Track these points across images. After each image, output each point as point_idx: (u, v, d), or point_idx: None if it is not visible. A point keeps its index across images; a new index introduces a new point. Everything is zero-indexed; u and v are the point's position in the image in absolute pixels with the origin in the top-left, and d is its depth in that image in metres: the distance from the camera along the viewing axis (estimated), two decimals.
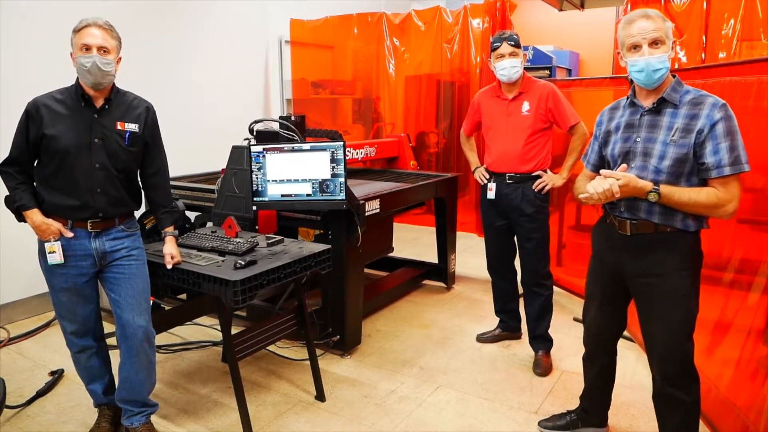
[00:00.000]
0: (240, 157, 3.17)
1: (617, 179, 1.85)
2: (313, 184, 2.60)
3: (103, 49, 2.14)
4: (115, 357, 2.45)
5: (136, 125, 2.29)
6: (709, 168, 1.84)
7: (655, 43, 1.87)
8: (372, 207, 3.34)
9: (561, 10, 6.75)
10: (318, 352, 3.07)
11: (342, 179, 2.58)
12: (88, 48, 2.12)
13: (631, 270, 2.05)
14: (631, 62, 1.92)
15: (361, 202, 3.18)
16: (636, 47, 1.90)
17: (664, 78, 1.91)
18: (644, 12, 1.91)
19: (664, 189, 1.86)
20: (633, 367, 3.08)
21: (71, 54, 2.17)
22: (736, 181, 1.84)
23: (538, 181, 3.03)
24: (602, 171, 1.94)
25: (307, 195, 2.62)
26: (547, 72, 6.57)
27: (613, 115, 2.11)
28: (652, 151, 1.93)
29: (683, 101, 1.90)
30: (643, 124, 1.97)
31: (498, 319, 3.52)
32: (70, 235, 2.21)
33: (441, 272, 4.45)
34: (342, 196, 2.60)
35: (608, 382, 2.41)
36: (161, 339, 3.23)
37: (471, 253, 5.21)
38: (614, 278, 2.13)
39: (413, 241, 5.77)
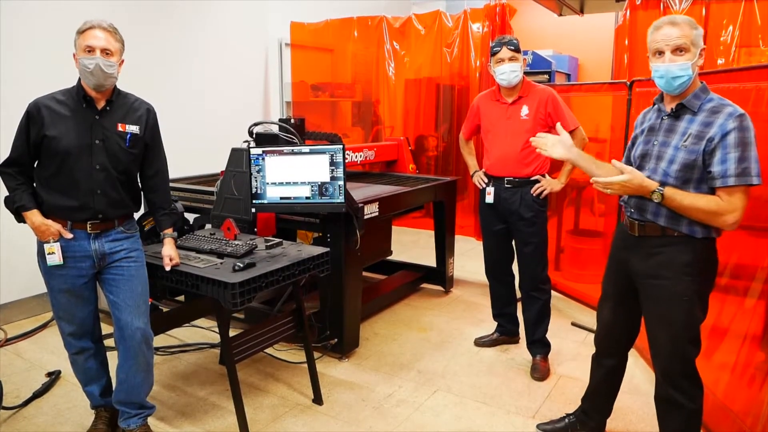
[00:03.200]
0: (239, 159, 3.17)
1: (624, 173, 1.89)
2: (312, 186, 2.60)
3: (106, 51, 2.14)
4: (112, 358, 2.44)
5: (137, 127, 2.30)
6: (714, 177, 1.84)
7: (679, 50, 1.87)
8: (371, 210, 3.35)
9: (560, 15, 6.76)
10: (316, 354, 3.07)
11: (341, 182, 2.58)
12: (91, 50, 2.12)
13: (638, 271, 2.08)
14: (654, 68, 1.94)
15: (360, 205, 3.18)
16: (660, 53, 1.91)
17: (686, 85, 1.91)
18: (671, 19, 1.90)
19: (668, 191, 1.88)
20: (631, 372, 3.06)
21: (74, 55, 2.17)
22: (741, 193, 1.82)
23: (537, 185, 3.04)
24: (613, 161, 1.97)
25: (306, 198, 2.62)
26: (546, 77, 6.59)
27: (644, 119, 2.14)
28: (664, 155, 1.95)
29: (703, 108, 1.90)
30: (662, 128, 2.00)
31: (496, 324, 3.52)
32: (69, 236, 2.21)
33: (439, 276, 4.46)
34: (341, 199, 2.60)
35: (613, 387, 2.41)
36: (159, 341, 3.23)
37: (469, 257, 5.22)
38: (626, 278, 2.15)
39: (412, 244, 5.78)
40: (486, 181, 3.18)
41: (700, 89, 1.94)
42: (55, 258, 2.20)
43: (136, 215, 2.48)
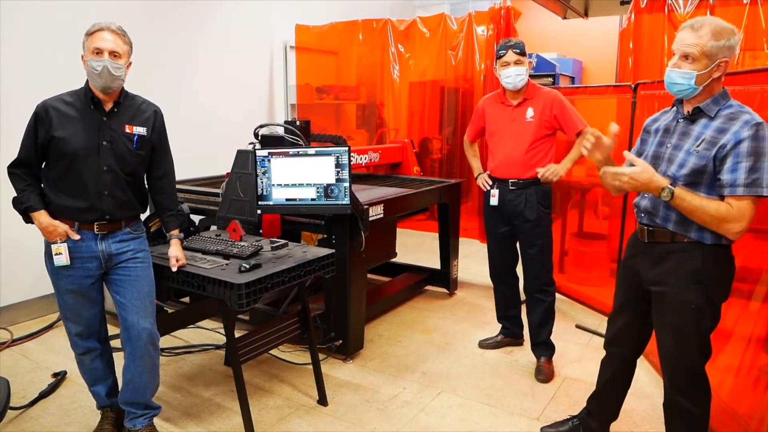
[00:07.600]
0: (245, 161, 3.19)
1: (635, 165, 1.85)
2: (317, 188, 2.61)
3: (114, 54, 2.16)
4: (119, 359, 2.46)
5: (144, 129, 2.32)
6: (723, 185, 1.80)
7: (686, 56, 1.83)
8: (375, 212, 3.36)
9: (565, 18, 6.76)
10: (321, 356, 3.07)
11: (346, 184, 2.59)
12: (99, 52, 2.14)
13: (647, 277, 2.05)
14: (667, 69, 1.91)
15: (365, 207, 3.20)
16: (674, 54, 1.89)
17: (686, 94, 1.88)
18: (693, 23, 1.84)
19: (679, 189, 1.82)
20: (636, 375, 3.06)
21: (82, 56, 2.19)
22: (750, 202, 1.77)
23: (543, 168, 3.01)
24: (624, 152, 1.93)
25: (312, 199, 2.63)
26: (551, 79, 6.59)
27: (659, 118, 2.11)
28: (675, 159, 1.92)
29: (720, 114, 1.86)
30: (677, 130, 1.96)
31: (500, 326, 3.52)
32: (76, 237, 2.23)
33: (443, 278, 4.46)
34: (346, 201, 2.61)
35: (621, 390, 2.38)
36: (164, 342, 3.23)
37: (473, 259, 5.22)
38: (638, 286, 2.12)
39: (416, 246, 5.78)
40: (490, 183, 3.18)
41: (720, 94, 1.88)
42: (62, 258, 2.21)
43: (143, 216, 2.49)
